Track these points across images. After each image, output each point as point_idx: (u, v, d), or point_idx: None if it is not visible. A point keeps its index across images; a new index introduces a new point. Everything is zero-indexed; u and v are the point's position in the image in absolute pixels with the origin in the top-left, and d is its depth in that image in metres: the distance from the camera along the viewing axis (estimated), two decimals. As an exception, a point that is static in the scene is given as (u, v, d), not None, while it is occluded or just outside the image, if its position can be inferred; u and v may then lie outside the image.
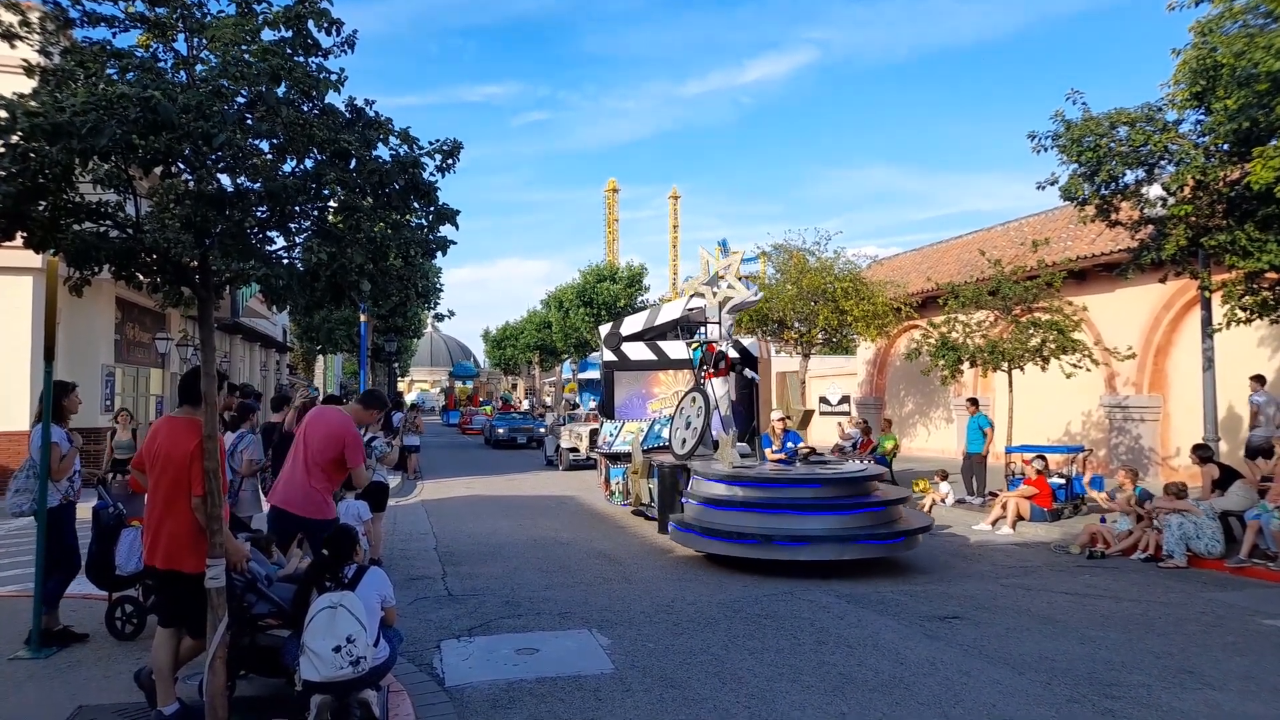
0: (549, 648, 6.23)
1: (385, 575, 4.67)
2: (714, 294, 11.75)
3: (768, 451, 11.58)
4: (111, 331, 17.09)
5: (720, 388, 11.31)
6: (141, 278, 4.39)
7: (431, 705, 5.01)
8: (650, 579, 8.62)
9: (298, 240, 4.50)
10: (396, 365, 31.95)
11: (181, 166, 4.12)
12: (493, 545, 10.61)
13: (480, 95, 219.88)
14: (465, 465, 23.52)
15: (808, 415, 12.61)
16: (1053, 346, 14.43)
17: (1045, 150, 11.07)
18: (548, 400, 48.13)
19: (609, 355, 13.92)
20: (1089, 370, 15.01)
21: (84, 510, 6.54)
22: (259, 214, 4.26)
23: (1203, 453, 10.30)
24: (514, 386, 62.14)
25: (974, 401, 15.63)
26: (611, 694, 5.28)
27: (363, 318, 17.56)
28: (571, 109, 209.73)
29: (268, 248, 4.49)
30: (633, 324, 14.27)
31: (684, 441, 10.98)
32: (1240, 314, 10.30)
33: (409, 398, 47.70)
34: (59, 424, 6.13)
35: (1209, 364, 11.40)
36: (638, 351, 13.89)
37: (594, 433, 20.18)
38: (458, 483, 18.52)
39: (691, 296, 12.93)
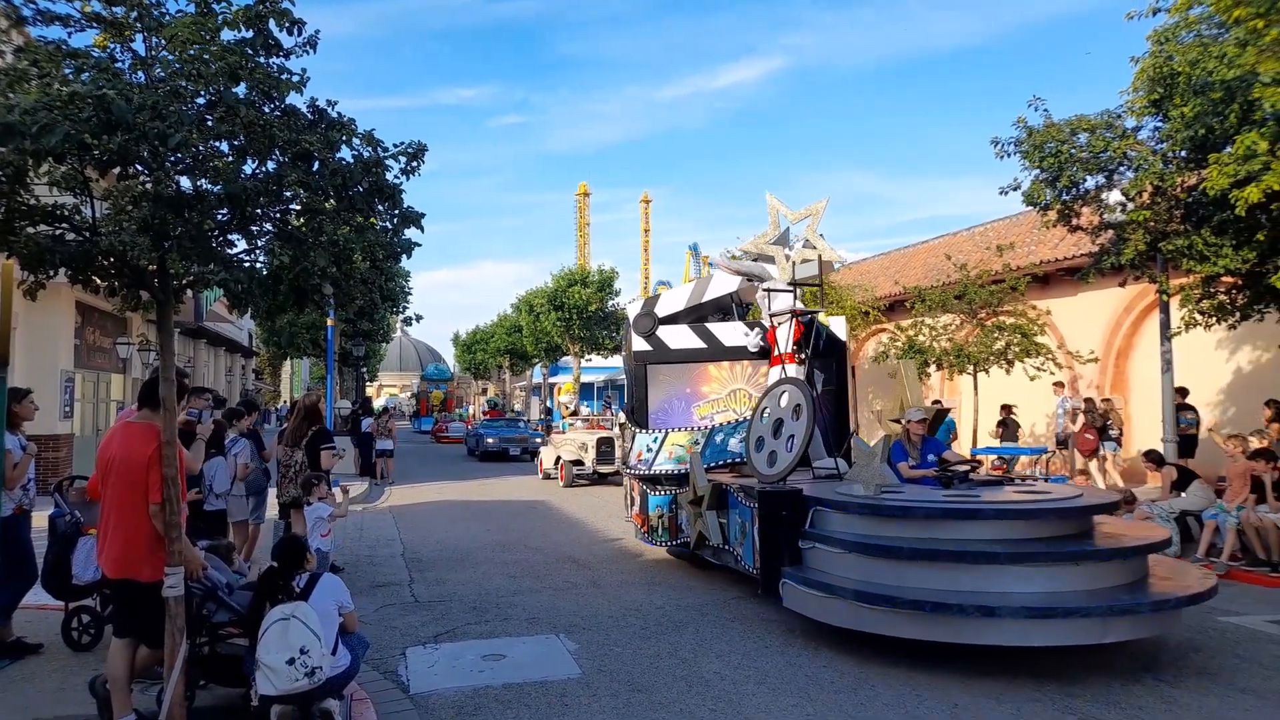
0: (516, 653, 6.19)
1: (341, 581, 4.62)
2: (787, 256, 9.02)
3: (902, 466, 7.96)
4: (71, 336, 16.75)
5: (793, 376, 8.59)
6: (99, 281, 4.32)
7: (396, 713, 4.97)
8: (619, 583, 8.60)
9: (259, 243, 4.45)
10: (365, 370, 31.65)
11: (139, 168, 4.06)
12: (461, 551, 10.53)
13: (456, 98, 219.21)
14: (446, 478, 23.30)
15: (940, 415, 9.20)
16: (1017, 350, 14.65)
17: (1008, 156, 11.22)
18: (516, 405, 47.95)
19: (640, 344, 9.98)
20: (1053, 373, 15.24)
21: (40, 519, 6.40)
22: (219, 216, 4.21)
23: (1154, 457, 10.50)
24: (484, 391, 61.80)
25: (937, 404, 15.78)
26: (578, 699, 5.26)
27: (330, 322, 17.36)
28: (547, 112, 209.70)
29: (228, 251, 4.43)
30: (672, 301, 10.36)
31: (773, 457, 7.71)
32: (1198, 318, 10.49)
33: (378, 402, 47.14)
34: (12, 431, 5.99)
35: (1167, 366, 11.62)
36: (679, 337, 9.98)
37: (604, 442, 18.60)
38: (428, 488, 18.37)
39: (755, 261, 9.70)
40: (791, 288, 8.88)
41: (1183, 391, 13.23)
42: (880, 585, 5.91)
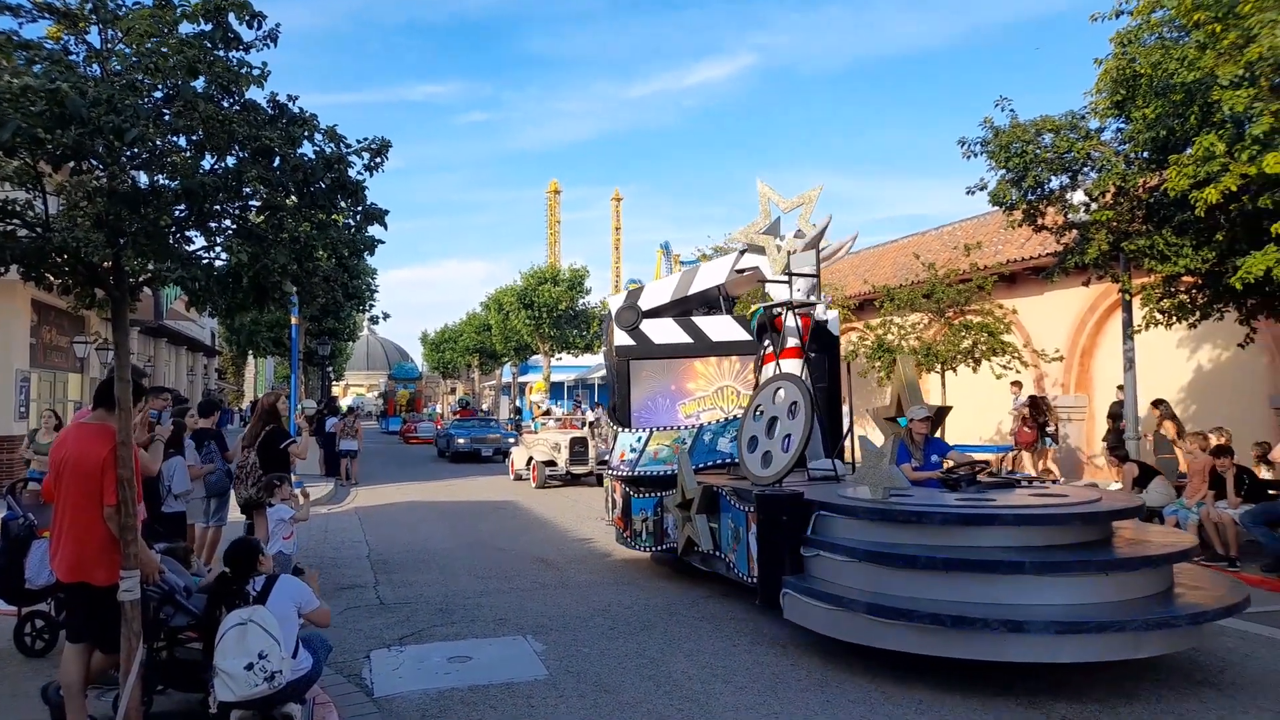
0: (482, 655, 6.14)
1: (301, 582, 4.55)
2: (778, 247, 8.43)
3: (905, 468, 7.48)
4: (27, 335, 16.39)
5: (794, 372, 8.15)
6: (52, 278, 4.21)
7: (360, 717, 4.90)
8: (588, 583, 8.57)
9: (218, 240, 4.36)
10: (330, 369, 31.29)
11: (94, 163, 3.96)
12: (428, 552, 10.44)
13: (422, 94, 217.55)
14: (413, 479, 23.08)
15: (941, 414, 8.90)
16: (984, 348, 14.81)
17: (975, 156, 11.32)
18: (485, 405, 47.68)
19: (623, 338, 9.54)
20: (1018, 372, 15.42)
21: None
22: (176, 213, 4.12)
23: (1117, 454, 10.66)
24: (452, 390, 61.42)
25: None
26: (545, 700, 5.22)
27: (294, 320, 17.13)
28: (515, 109, 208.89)
29: (186, 248, 4.34)
30: (657, 293, 9.81)
31: (767, 457, 7.34)
32: (1159, 316, 10.66)
33: (344, 402, 46.62)
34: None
35: (1130, 364, 11.79)
36: (665, 332, 9.54)
37: (577, 442, 18.35)
38: (395, 489, 18.21)
39: (742, 253, 9.11)
40: (787, 278, 8.19)
41: (1123, 389, 13.67)
42: (895, 597, 5.48)
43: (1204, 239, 9.33)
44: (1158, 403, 11.96)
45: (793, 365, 8.10)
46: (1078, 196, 10.77)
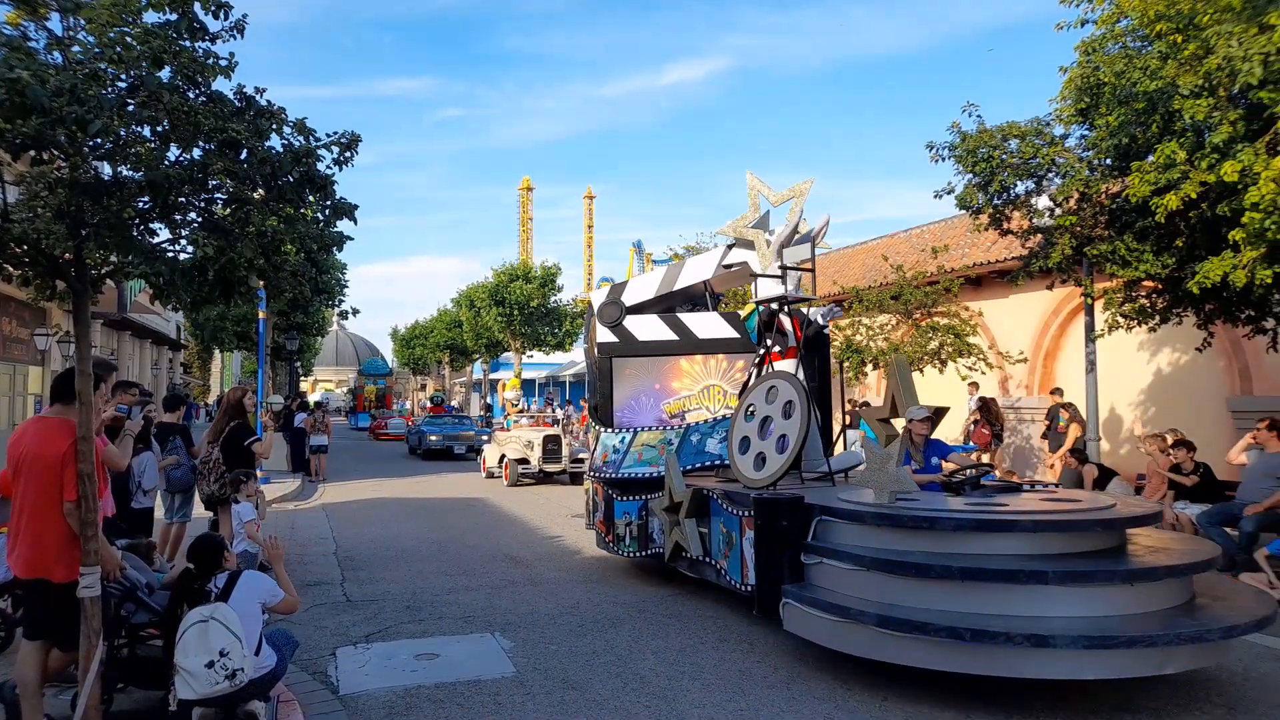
0: (449, 652, 6.12)
1: (265, 577, 4.51)
2: (767, 241, 7.97)
3: (905, 470, 6.84)
4: (-14, 327, 16.09)
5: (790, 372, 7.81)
6: (11, 269, 4.14)
7: (325, 715, 4.87)
8: (556, 580, 8.57)
9: (183, 233, 4.31)
10: (299, 364, 30.94)
11: (55, 153, 3.91)
12: (396, 549, 10.38)
13: (395, 89, 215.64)
14: (383, 475, 22.90)
15: (939, 414, 8.61)
16: (950, 350, 14.99)
17: (943, 160, 11.44)
18: (455, 401, 47.41)
19: (605, 334, 9.19)
20: (984, 373, 15.63)
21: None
22: (139, 205, 4.07)
23: (1078, 455, 10.85)
24: (422, 386, 61.02)
25: (867, 404, 16.06)
26: (511, 697, 5.22)
27: (261, 315, 16.93)
28: (489, 107, 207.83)
29: (150, 240, 4.29)
30: (641, 289, 9.50)
31: (761, 459, 7.10)
32: (1120, 320, 10.84)
33: (313, 397, 46.06)
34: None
35: (1091, 367, 12.01)
36: (649, 328, 9.16)
37: (550, 440, 18.19)
38: (363, 485, 18.07)
39: (730, 248, 8.77)
40: (779, 274, 7.80)
41: (1058, 391, 14.00)
42: (907, 609, 5.19)
43: (1164, 245, 9.50)
44: (1065, 403, 12.14)
45: (788, 364, 7.84)
46: (1042, 201, 10.93)
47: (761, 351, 7.89)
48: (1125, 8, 8.74)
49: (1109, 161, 9.93)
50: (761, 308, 8.17)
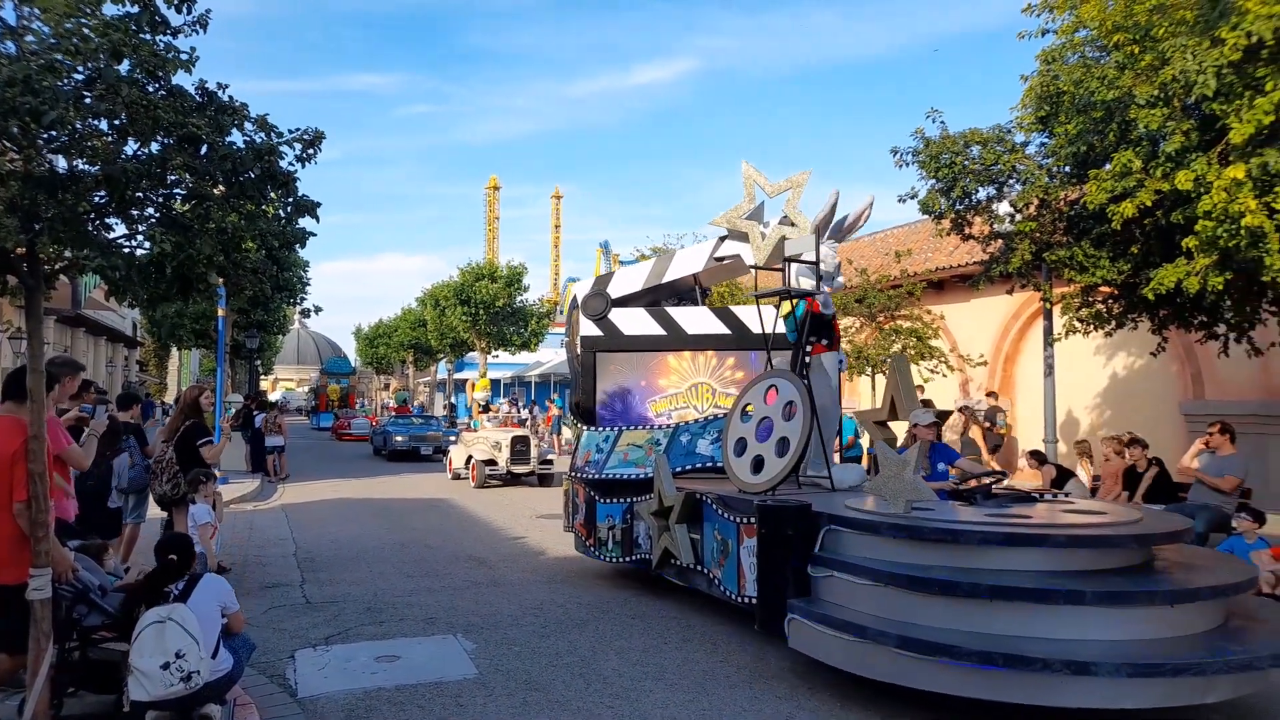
0: (411, 654, 6.07)
1: (224, 581, 4.45)
2: (762, 233, 7.60)
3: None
4: (-66, 322, 15.66)
5: (831, 366, 7.43)
6: (-39, 264, 4.04)
7: (282, 718, 4.81)
8: (520, 581, 8.54)
9: (140, 228, 4.24)
10: (259, 363, 30.50)
11: (8, 145, 3.82)
12: (357, 550, 10.28)
13: (361, 84, 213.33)
14: (345, 475, 22.63)
15: (942, 418, 8.13)
16: (913, 353, 15.18)
17: (907, 165, 11.59)
18: (419, 401, 47.03)
19: (589, 328, 8.76)
20: (945, 375, 15.85)
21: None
22: (96, 199, 3.99)
23: (1038, 456, 11.04)
24: (386, 386, 60.48)
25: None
26: (473, 699, 5.20)
27: (221, 312, 16.65)
28: (456, 103, 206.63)
29: (106, 235, 4.21)
30: (627, 281, 9.07)
31: (759, 462, 6.67)
32: (1077, 324, 11.06)
33: (273, 396, 45.38)
34: None
35: (1049, 370, 12.24)
36: (636, 322, 8.77)
37: (519, 441, 17.92)
38: (324, 485, 17.86)
39: (722, 240, 8.44)
40: (780, 266, 7.42)
41: (993, 394, 14.34)
42: (930, 629, 4.79)
43: (1120, 251, 9.71)
44: (992, 395, 12.24)
45: (830, 358, 7.44)
46: (1003, 207, 11.12)
47: (807, 345, 7.23)
48: (1084, 19, 8.91)
49: (1068, 169, 10.13)
50: (802, 303, 7.37)
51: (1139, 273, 9.53)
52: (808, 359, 7.21)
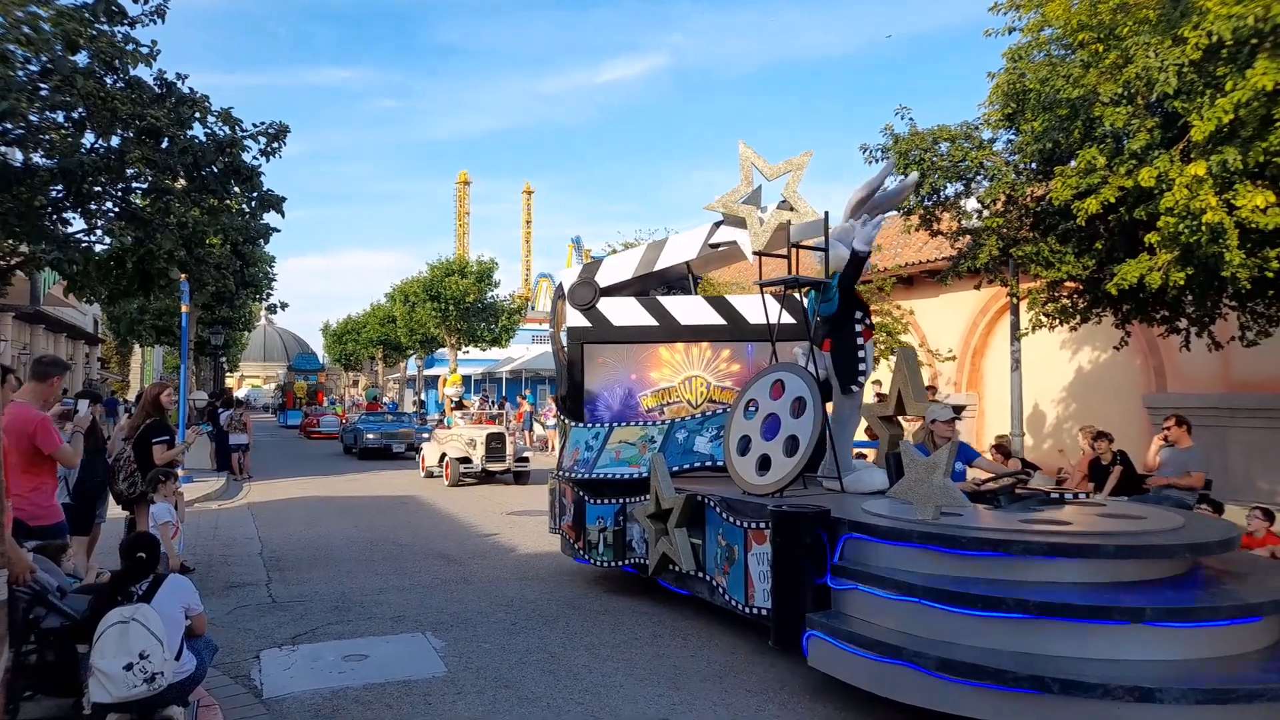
0: (379, 653, 6.02)
1: (189, 582, 4.38)
2: (760, 219, 7.27)
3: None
4: (-113, 318, 15.28)
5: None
6: (-89, 258, 3.94)
7: (247, 719, 4.75)
8: (490, 578, 8.50)
9: (98, 223, 4.16)
10: (224, 359, 30.05)
11: (-41, 136, 3.73)
12: (324, 548, 10.17)
13: (329, 79, 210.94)
14: (314, 474, 22.36)
15: (958, 412, 7.86)
16: (883, 348, 15.29)
17: (876, 161, 11.64)
18: (388, 397, 46.62)
19: (576, 318, 8.31)
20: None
21: None
22: (53, 193, 3.91)
23: (1002, 450, 11.16)
24: (355, 383, 59.93)
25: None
26: (442, 697, 5.16)
27: (184, 308, 16.37)
28: (425, 99, 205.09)
29: (64, 230, 4.12)
30: (617, 269, 8.58)
31: (765, 462, 6.31)
32: (1043, 319, 11.18)
33: (239, 394, 44.72)
34: None
35: (1016, 365, 12.37)
36: (626, 312, 8.32)
37: (494, 438, 17.59)
38: (292, 484, 17.64)
39: (717, 225, 8.05)
40: (784, 253, 7.14)
41: (931, 389, 14.56)
42: (969, 649, 4.33)
43: (1085, 247, 9.83)
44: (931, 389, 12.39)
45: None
46: (971, 204, 11.21)
47: (859, 328, 6.78)
48: (1050, 17, 9.00)
49: (1034, 165, 10.23)
50: (836, 279, 6.88)
51: (1103, 268, 9.65)
52: (861, 341, 6.65)
